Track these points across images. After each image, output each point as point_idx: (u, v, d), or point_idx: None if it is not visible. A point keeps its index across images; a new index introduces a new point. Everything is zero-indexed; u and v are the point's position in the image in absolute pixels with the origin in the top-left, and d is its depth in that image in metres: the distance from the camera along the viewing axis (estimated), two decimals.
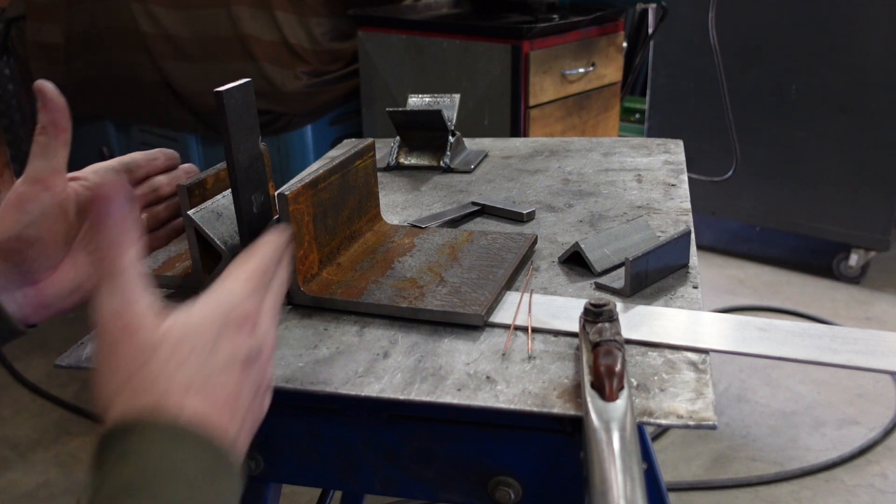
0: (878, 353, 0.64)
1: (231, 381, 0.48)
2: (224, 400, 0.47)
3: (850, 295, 2.59)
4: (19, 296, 0.63)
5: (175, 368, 0.46)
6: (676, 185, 1.05)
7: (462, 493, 0.68)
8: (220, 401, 0.47)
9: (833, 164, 2.57)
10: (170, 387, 0.45)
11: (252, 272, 0.53)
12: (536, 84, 1.94)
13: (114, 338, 0.47)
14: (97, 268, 0.49)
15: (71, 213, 0.64)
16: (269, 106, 2.17)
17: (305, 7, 2.19)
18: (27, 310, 0.63)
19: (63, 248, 0.65)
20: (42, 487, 1.81)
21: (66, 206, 0.64)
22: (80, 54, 2.56)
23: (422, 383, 0.62)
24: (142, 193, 0.73)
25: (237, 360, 0.49)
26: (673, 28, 2.59)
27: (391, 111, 1.16)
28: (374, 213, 0.88)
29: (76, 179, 0.67)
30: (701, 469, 1.80)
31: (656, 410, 0.58)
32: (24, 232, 0.61)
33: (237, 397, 0.48)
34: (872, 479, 1.74)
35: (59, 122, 0.63)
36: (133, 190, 0.70)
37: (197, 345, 0.47)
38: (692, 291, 0.76)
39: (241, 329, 0.50)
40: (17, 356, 2.29)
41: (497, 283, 0.75)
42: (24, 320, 0.63)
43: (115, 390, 0.45)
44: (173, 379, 0.45)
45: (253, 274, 0.53)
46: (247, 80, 0.70)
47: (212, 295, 0.51)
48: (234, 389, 0.48)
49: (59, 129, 0.63)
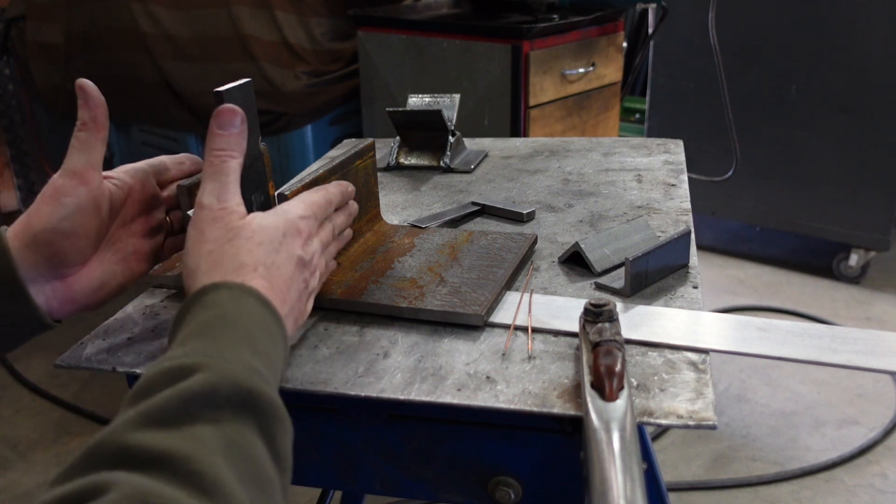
0: (878, 353, 0.64)
1: (287, 273, 0.59)
2: (280, 285, 0.57)
3: (850, 295, 2.59)
4: (48, 289, 0.63)
5: (248, 251, 0.57)
6: (676, 185, 1.05)
7: (462, 493, 0.68)
8: (277, 284, 0.57)
9: (833, 164, 2.57)
10: (244, 262, 0.56)
11: (312, 202, 0.66)
12: (536, 84, 1.94)
13: (205, 222, 0.58)
14: (205, 167, 0.60)
15: (104, 210, 0.65)
16: (269, 106, 2.17)
17: (305, 7, 2.19)
18: (54, 304, 0.64)
19: (94, 244, 0.66)
20: (42, 487, 1.81)
21: (101, 202, 0.65)
22: (80, 54, 2.56)
23: (422, 383, 0.62)
24: (167, 196, 0.73)
25: (293, 259, 0.60)
26: (673, 28, 2.59)
27: (391, 111, 1.16)
28: (374, 213, 0.88)
29: (108, 178, 0.68)
30: (701, 469, 1.80)
31: (656, 410, 0.58)
32: (59, 225, 0.62)
33: (289, 287, 0.59)
34: (872, 479, 1.74)
35: (98, 119, 0.66)
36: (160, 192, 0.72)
37: (266, 238, 0.58)
38: (692, 291, 0.76)
39: (296, 237, 0.61)
40: (17, 356, 2.29)
41: (497, 283, 0.75)
42: (51, 314, 0.64)
43: (199, 262, 0.56)
44: (247, 258, 0.56)
45: (312, 203, 0.65)
46: (247, 80, 0.70)
47: (279, 208, 0.63)
48: (287, 280, 0.59)
49: (98, 125, 0.66)
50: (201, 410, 0.43)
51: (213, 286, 0.53)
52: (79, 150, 0.65)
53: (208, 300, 0.52)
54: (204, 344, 0.48)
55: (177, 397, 0.43)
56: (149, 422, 0.41)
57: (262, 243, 0.58)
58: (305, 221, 0.63)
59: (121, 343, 0.71)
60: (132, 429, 0.41)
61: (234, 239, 0.57)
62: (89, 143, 0.66)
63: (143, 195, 0.70)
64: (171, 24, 2.31)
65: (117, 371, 0.68)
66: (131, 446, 0.39)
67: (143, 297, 0.80)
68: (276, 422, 0.47)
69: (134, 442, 0.40)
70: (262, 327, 0.52)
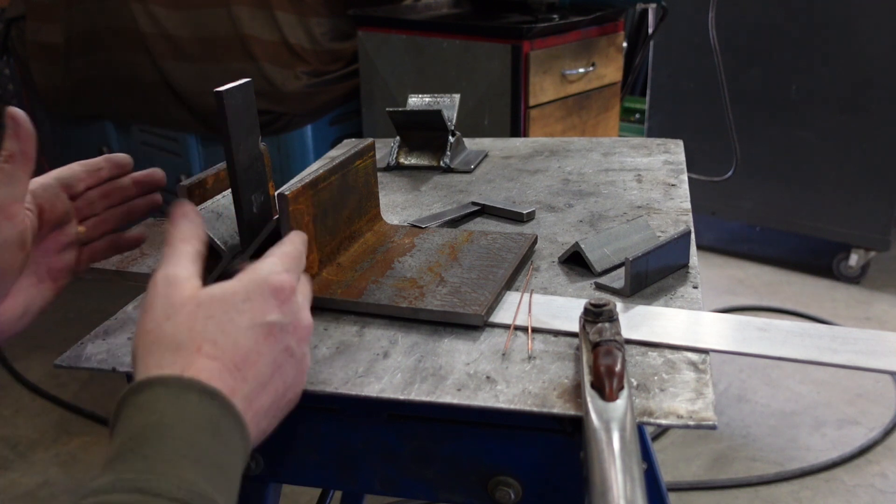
0: (878, 353, 0.64)
1: (247, 344, 0.50)
2: (237, 360, 0.49)
3: (850, 295, 2.59)
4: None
5: (189, 328, 0.49)
6: (676, 185, 1.05)
7: (462, 493, 0.68)
8: (233, 360, 0.49)
9: (833, 164, 2.57)
10: (182, 343, 0.48)
11: (285, 254, 0.58)
12: (536, 84, 1.94)
13: (154, 296, 0.51)
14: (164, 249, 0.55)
15: (28, 242, 0.63)
16: (269, 106, 2.17)
17: (305, 7, 2.19)
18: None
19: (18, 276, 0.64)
20: (42, 487, 1.81)
21: (25, 235, 0.62)
22: (80, 54, 2.56)
23: (422, 383, 0.62)
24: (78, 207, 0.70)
25: (261, 325, 0.51)
26: (673, 28, 2.59)
27: (391, 111, 1.16)
28: (374, 213, 0.88)
29: None
30: (701, 469, 1.80)
31: (656, 410, 0.58)
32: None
33: (254, 363, 0.50)
34: (872, 479, 1.74)
35: (27, 152, 0.61)
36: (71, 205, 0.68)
37: (217, 310, 0.50)
38: (692, 291, 0.76)
39: (273, 297, 0.53)
40: (17, 356, 2.29)
41: (497, 283, 0.75)
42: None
43: (138, 345, 0.50)
44: (186, 336, 0.49)
45: (286, 255, 0.58)
46: (247, 80, 0.70)
47: (248, 269, 0.54)
48: (248, 353, 0.50)
49: (27, 158, 0.61)
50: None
51: (147, 383, 0.46)
52: (3, 184, 0.59)
53: (141, 401, 0.45)
54: (134, 470, 0.42)
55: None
56: None
57: (212, 316, 0.50)
58: (286, 275, 0.55)
59: (121, 343, 0.71)
60: None
61: (173, 316, 0.50)
62: (15, 175, 0.60)
63: (53, 214, 0.66)
64: (171, 24, 2.31)
65: (117, 371, 0.68)
66: None
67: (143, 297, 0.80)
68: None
69: None
70: (208, 429, 0.45)
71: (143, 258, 0.83)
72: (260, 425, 0.51)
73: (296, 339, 0.54)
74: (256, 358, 0.50)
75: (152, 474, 0.42)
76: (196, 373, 0.47)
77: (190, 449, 0.44)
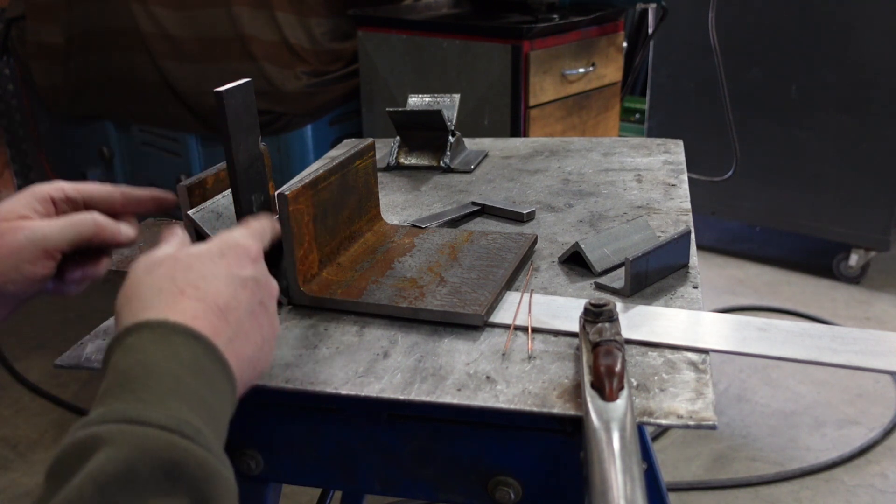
0: (878, 353, 0.64)
1: (227, 291, 0.52)
2: (220, 303, 0.51)
3: (850, 295, 2.59)
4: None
5: (171, 277, 0.51)
6: (676, 185, 1.05)
7: (462, 493, 0.68)
8: (216, 302, 0.51)
9: (833, 164, 2.57)
10: (164, 288, 0.50)
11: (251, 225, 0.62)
12: (536, 84, 1.94)
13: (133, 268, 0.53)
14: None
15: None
16: (269, 106, 2.17)
17: (305, 7, 2.19)
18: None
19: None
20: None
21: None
22: (80, 54, 2.56)
23: (422, 383, 0.62)
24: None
25: (238, 277, 0.54)
26: (673, 28, 2.59)
27: (391, 111, 1.16)
28: (374, 213, 0.88)
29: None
30: (701, 469, 1.80)
31: (656, 410, 0.58)
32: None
33: (234, 308, 0.52)
34: (872, 479, 1.74)
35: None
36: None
37: (195, 261, 0.53)
38: (692, 291, 0.76)
39: (242, 257, 0.55)
40: (17, 356, 2.29)
41: (497, 283, 0.75)
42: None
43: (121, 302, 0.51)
44: (168, 284, 0.50)
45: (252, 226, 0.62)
46: (247, 80, 0.70)
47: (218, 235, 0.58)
48: (229, 300, 0.52)
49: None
50: (120, 496, 0.38)
51: (135, 326, 0.47)
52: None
53: (129, 344, 0.46)
54: (123, 402, 0.43)
55: (92, 483, 0.38)
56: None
57: (191, 267, 0.52)
58: (251, 240, 0.58)
59: None
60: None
61: (154, 270, 0.52)
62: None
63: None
64: (171, 24, 2.31)
65: None
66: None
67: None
68: (210, 483, 0.41)
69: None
70: (194, 368, 0.46)
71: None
72: (243, 375, 0.52)
73: (268, 295, 0.56)
74: (237, 304, 0.52)
75: (140, 403, 0.43)
76: (181, 314, 0.48)
77: (176, 385, 0.45)
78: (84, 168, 2.80)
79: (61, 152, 2.92)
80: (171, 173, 2.55)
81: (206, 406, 0.45)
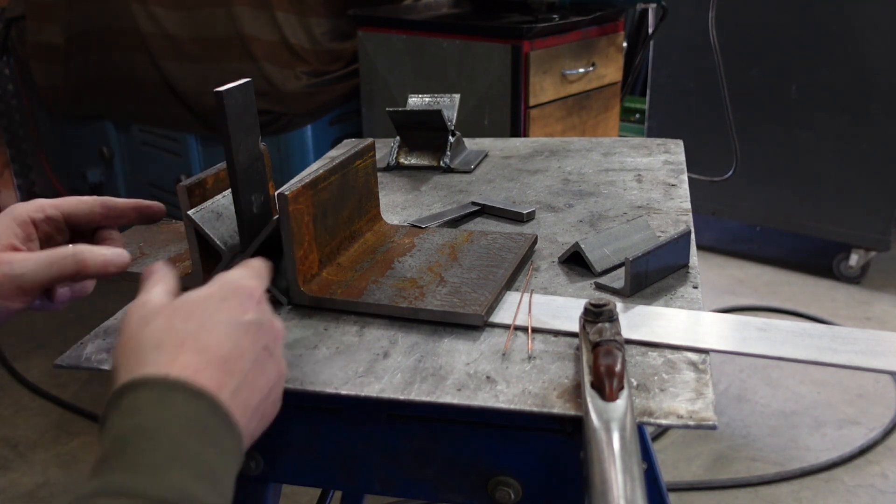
0: (878, 353, 0.64)
1: (229, 340, 0.49)
2: (222, 353, 0.48)
3: (850, 295, 2.59)
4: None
5: (170, 329, 0.49)
6: (676, 185, 1.05)
7: (462, 493, 0.68)
8: (218, 353, 0.48)
9: (833, 165, 2.57)
10: (162, 342, 0.48)
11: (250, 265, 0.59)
12: (536, 84, 1.94)
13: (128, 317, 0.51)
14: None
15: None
16: (269, 106, 2.17)
17: (305, 7, 2.19)
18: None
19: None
20: (42, 487, 1.81)
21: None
22: (80, 54, 2.56)
23: (422, 383, 0.62)
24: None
25: (240, 323, 0.51)
26: (673, 28, 2.59)
27: (391, 111, 1.16)
28: (374, 213, 0.88)
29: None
30: (701, 469, 1.80)
31: (656, 410, 0.58)
32: None
33: (238, 357, 0.49)
34: (872, 479, 1.74)
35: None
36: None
37: (199, 307, 0.51)
38: (692, 291, 0.76)
39: (246, 300, 0.53)
40: (17, 356, 2.29)
41: (497, 283, 0.75)
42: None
43: (118, 356, 0.49)
44: (167, 336, 0.48)
45: (251, 266, 0.59)
46: (247, 80, 0.70)
47: (217, 277, 0.55)
48: (232, 349, 0.49)
49: None
50: None
51: (130, 385, 0.45)
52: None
53: (125, 405, 0.44)
54: (119, 471, 0.41)
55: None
56: None
57: (191, 316, 0.50)
58: (254, 282, 0.56)
59: None
60: None
61: (151, 321, 0.50)
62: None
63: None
64: (171, 24, 2.32)
65: None
66: None
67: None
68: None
69: None
70: (196, 428, 0.44)
71: (143, 258, 0.83)
72: (249, 425, 0.49)
73: (272, 339, 0.54)
74: (239, 353, 0.49)
75: (137, 475, 0.41)
76: (181, 369, 0.46)
77: (175, 451, 0.43)
78: (84, 168, 2.80)
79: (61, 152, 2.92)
80: (171, 173, 2.55)
81: (209, 469, 0.43)
